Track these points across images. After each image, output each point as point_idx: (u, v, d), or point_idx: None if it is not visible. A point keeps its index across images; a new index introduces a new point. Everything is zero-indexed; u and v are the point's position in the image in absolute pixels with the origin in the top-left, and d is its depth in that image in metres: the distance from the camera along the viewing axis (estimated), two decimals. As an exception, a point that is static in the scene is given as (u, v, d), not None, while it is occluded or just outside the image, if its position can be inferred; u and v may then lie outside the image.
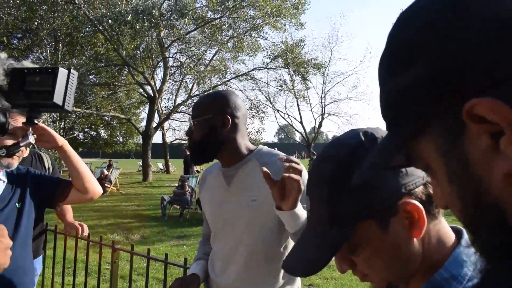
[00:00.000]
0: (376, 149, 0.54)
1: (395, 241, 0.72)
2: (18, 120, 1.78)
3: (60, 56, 22.28)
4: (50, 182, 2.08)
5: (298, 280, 1.76)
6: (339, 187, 0.72)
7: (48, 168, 2.99)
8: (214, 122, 1.62)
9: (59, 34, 21.58)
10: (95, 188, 2.08)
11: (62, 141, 1.94)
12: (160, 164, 31.16)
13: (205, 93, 1.75)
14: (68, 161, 1.98)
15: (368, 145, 0.72)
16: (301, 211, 1.36)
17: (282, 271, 1.67)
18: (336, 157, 0.74)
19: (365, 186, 0.70)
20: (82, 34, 21.58)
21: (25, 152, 2.02)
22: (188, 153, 16.24)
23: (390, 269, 0.74)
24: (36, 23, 19.26)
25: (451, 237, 0.75)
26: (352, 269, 0.78)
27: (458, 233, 0.78)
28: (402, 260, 0.73)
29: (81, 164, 2.03)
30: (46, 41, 20.79)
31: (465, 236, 0.75)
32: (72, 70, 1.59)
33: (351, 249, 0.74)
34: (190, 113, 1.73)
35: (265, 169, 1.32)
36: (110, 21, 17.02)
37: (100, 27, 18.59)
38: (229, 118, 1.62)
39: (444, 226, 0.76)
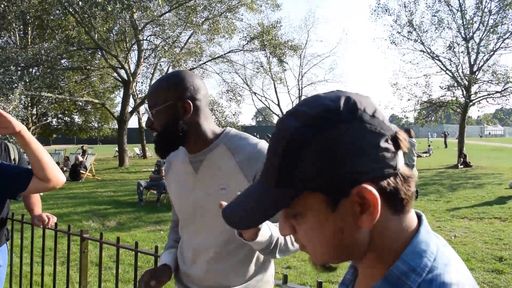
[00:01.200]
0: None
1: (339, 224, 0.65)
2: None
3: (30, 40, 21.62)
4: (8, 172, 1.97)
5: (272, 267, 1.70)
6: (298, 147, 0.63)
7: (14, 159, 2.87)
8: (174, 109, 1.48)
9: (28, 17, 20.85)
10: (57, 177, 1.98)
11: (20, 126, 1.84)
12: (137, 149, 30.82)
13: (159, 78, 1.56)
14: (27, 148, 1.87)
15: (345, 115, 0.63)
16: (265, 237, 1.31)
17: (254, 259, 1.60)
18: (305, 115, 0.65)
19: (326, 155, 0.62)
20: (52, 17, 20.95)
21: None
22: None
23: (327, 249, 0.68)
24: (3, 6, 18.55)
25: (412, 226, 0.69)
26: (294, 235, 0.72)
27: (418, 219, 0.72)
28: (343, 244, 0.67)
29: (42, 151, 1.92)
30: (14, 25, 20.09)
31: (425, 222, 0.69)
32: None
33: (293, 215, 0.68)
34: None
35: (222, 203, 1.22)
36: (80, 3, 16.50)
37: (70, 9, 18.07)
38: (190, 102, 1.49)
39: (410, 218, 0.69)
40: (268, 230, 1.33)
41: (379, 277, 0.68)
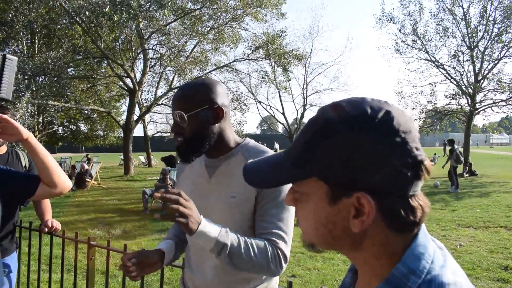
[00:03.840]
0: None
1: (333, 218, 0.70)
2: None
3: (37, 49, 21.81)
4: (15, 178, 2.00)
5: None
6: (323, 136, 0.68)
7: (25, 166, 2.92)
8: (207, 115, 1.51)
9: (35, 26, 21.07)
10: (64, 182, 2.01)
11: (27, 133, 1.87)
12: (142, 158, 30.91)
13: (187, 83, 1.57)
14: (34, 154, 1.91)
15: (376, 126, 0.66)
16: (207, 234, 1.33)
17: None
18: (343, 111, 0.68)
19: (344, 154, 0.66)
20: (59, 26, 21.14)
21: (1, 150, 1.94)
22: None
23: (317, 233, 0.73)
24: (11, 15, 18.75)
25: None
26: (295, 208, 0.78)
27: None
28: (332, 236, 0.72)
29: (48, 157, 1.95)
30: (21, 34, 20.28)
31: (422, 226, 0.72)
32: (8, 55, 1.51)
33: (298, 192, 0.74)
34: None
35: None
36: (87, 12, 16.65)
37: (77, 19, 18.22)
38: (222, 108, 1.53)
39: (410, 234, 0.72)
40: (216, 231, 1.35)
41: (379, 280, 0.71)
